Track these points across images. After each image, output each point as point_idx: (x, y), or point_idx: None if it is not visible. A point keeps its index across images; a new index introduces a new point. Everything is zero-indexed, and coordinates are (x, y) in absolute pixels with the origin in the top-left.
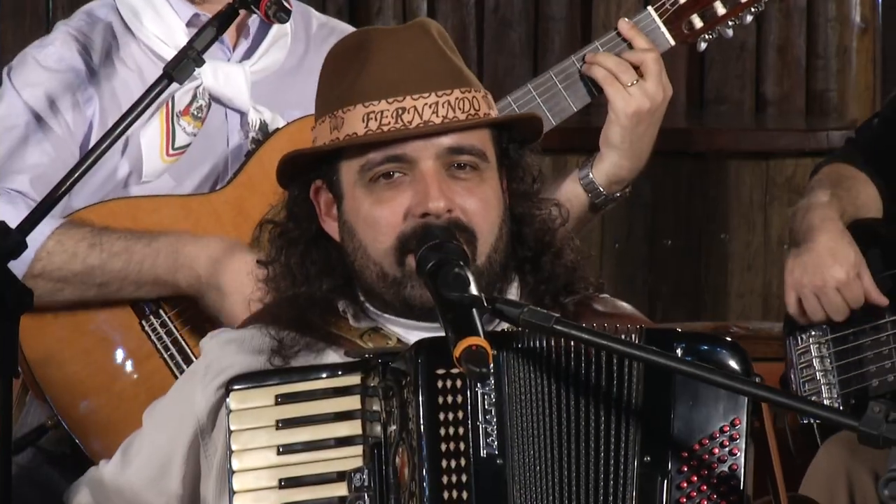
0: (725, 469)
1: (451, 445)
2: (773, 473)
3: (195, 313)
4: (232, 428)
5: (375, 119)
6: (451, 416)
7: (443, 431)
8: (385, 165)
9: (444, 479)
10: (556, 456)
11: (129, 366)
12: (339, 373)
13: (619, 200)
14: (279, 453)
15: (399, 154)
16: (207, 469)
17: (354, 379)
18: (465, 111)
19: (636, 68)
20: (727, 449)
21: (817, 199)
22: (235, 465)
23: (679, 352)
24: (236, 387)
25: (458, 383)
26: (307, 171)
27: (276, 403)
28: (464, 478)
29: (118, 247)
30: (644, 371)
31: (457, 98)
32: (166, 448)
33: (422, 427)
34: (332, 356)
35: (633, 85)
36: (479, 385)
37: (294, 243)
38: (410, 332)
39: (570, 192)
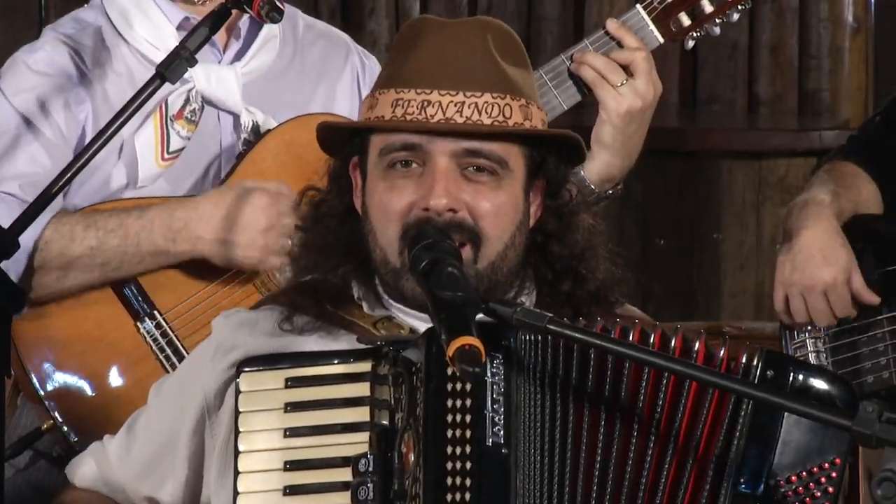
0: None
1: (457, 432)
2: None
3: (190, 314)
4: (241, 409)
5: (402, 106)
6: (458, 403)
7: (450, 418)
8: (401, 153)
9: (449, 466)
10: (567, 450)
11: (124, 368)
12: (351, 359)
13: (610, 198)
14: (286, 436)
15: (416, 143)
16: (211, 448)
17: (365, 366)
18: (493, 116)
19: (626, 67)
20: (823, 486)
21: (814, 195)
22: (242, 446)
23: (791, 378)
24: (247, 368)
25: None
26: (347, 143)
27: (286, 387)
28: (468, 465)
29: (112, 223)
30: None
31: (486, 102)
32: (172, 426)
33: (429, 413)
34: (345, 341)
35: (623, 84)
36: (488, 374)
37: (327, 215)
38: (422, 324)
39: None
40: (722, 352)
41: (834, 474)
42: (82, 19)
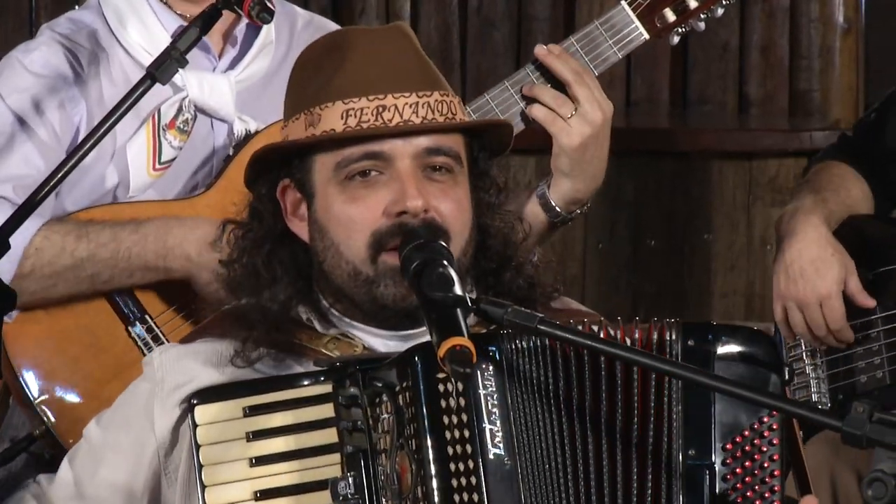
0: (768, 460)
1: (458, 448)
2: (800, 462)
3: (181, 318)
4: (200, 443)
5: (355, 116)
6: (455, 419)
7: (448, 435)
8: (362, 163)
9: (454, 483)
10: (566, 454)
11: (116, 372)
12: (309, 382)
13: (578, 216)
14: (252, 465)
15: (377, 151)
16: (168, 485)
17: (326, 388)
18: (444, 114)
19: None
20: (767, 439)
21: (802, 204)
22: (207, 480)
23: (711, 345)
24: (200, 401)
25: (460, 386)
26: (275, 169)
27: (245, 415)
28: (473, 480)
29: (105, 236)
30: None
31: (436, 100)
32: (125, 474)
33: (427, 432)
34: (296, 365)
35: (572, 116)
36: (481, 386)
37: (259, 243)
38: (376, 340)
39: (530, 212)
40: (637, 333)
41: (775, 426)
42: (78, 20)
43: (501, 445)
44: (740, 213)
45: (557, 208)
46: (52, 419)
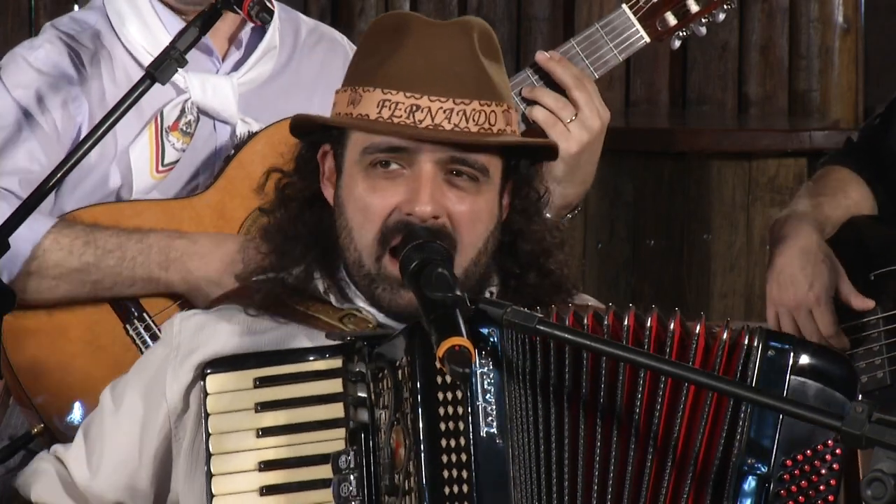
0: (824, 484)
1: (451, 425)
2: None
3: None
4: (209, 411)
5: (389, 108)
6: (449, 395)
7: (441, 411)
8: (386, 154)
9: (444, 459)
10: (560, 440)
11: (115, 370)
12: (320, 356)
13: (570, 220)
14: (259, 436)
15: (403, 147)
16: (177, 451)
17: (336, 362)
18: (479, 124)
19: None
20: (829, 464)
21: (796, 209)
22: (213, 448)
23: (791, 357)
24: (213, 370)
25: None
26: (318, 132)
27: (255, 387)
28: (463, 457)
29: (112, 244)
30: (760, 374)
31: (474, 109)
32: (137, 438)
33: (419, 407)
34: (311, 338)
35: (572, 121)
36: (478, 364)
37: (292, 199)
38: (385, 317)
39: None
40: (725, 334)
41: (839, 451)
42: (82, 20)
43: (494, 424)
44: (739, 213)
45: (549, 215)
46: (51, 417)
